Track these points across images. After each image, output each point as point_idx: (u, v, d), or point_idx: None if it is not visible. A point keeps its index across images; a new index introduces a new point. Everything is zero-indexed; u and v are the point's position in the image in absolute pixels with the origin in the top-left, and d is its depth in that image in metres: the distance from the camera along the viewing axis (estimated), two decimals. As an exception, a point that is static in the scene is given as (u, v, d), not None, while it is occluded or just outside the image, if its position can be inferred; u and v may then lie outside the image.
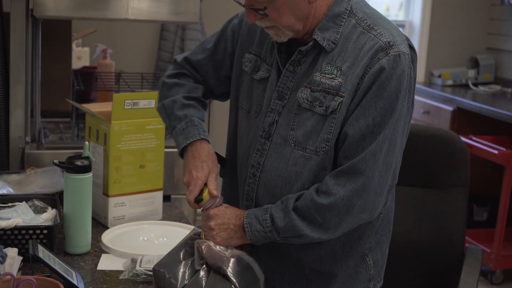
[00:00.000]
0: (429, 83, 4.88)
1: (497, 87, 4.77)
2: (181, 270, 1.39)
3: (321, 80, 1.40)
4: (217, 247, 1.40)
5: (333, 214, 1.36)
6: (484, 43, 5.02)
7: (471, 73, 4.85)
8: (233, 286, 1.36)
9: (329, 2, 1.44)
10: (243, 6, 1.42)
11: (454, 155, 2.12)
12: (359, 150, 1.36)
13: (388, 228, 1.57)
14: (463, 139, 2.24)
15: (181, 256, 1.42)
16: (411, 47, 1.43)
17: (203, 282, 1.37)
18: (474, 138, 3.96)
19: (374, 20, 1.42)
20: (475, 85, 4.81)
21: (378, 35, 1.38)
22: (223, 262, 1.37)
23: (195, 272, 1.39)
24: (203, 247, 1.40)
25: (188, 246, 1.45)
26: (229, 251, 1.41)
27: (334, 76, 1.39)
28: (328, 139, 1.40)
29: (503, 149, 3.72)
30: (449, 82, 4.79)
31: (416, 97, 4.94)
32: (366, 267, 1.51)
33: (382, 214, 1.50)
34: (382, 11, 5.12)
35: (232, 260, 1.38)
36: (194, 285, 1.36)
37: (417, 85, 5.13)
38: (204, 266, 1.39)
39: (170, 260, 1.42)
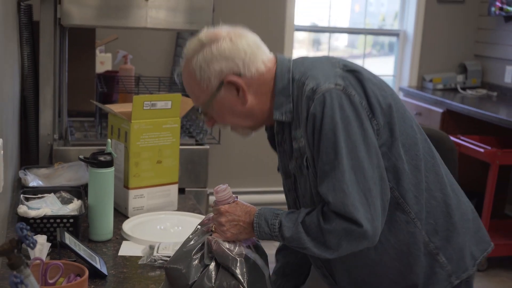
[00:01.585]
0: (421, 87, 4.87)
1: (483, 91, 4.76)
2: (192, 265, 1.37)
3: (296, 146, 1.40)
4: (226, 244, 1.38)
5: (333, 237, 1.31)
6: (472, 50, 5.01)
7: (460, 78, 4.84)
8: (241, 286, 1.34)
9: (267, 87, 1.42)
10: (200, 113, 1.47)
11: (443, 153, 2.11)
12: (330, 190, 1.30)
13: (451, 225, 1.45)
14: (452, 138, 2.24)
15: (192, 252, 1.39)
16: (351, 70, 1.38)
17: (213, 277, 1.35)
18: (462, 138, 3.95)
19: (305, 74, 1.38)
20: (463, 89, 4.80)
21: (306, 87, 1.34)
22: (231, 262, 1.35)
23: (204, 266, 1.37)
24: (212, 243, 1.38)
25: (198, 241, 1.43)
26: (236, 248, 1.38)
27: (301, 138, 1.38)
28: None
29: (489, 147, 3.72)
30: (440, 86, 4.78)
31: (409, 100, 4.94)
32: (440, 266, 1.43)
33: (421, 218, 1.42)
34: (378, 21, 5.12)
35: (239, 260, 1.36)
36: (205, 279, 1.34)
37: (409, 89, 5.12)
38: (213, 262, 1.37)
39: (181, 256, 1.39)
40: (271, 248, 1.52)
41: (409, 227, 1.39)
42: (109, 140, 1.84)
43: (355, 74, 1.38)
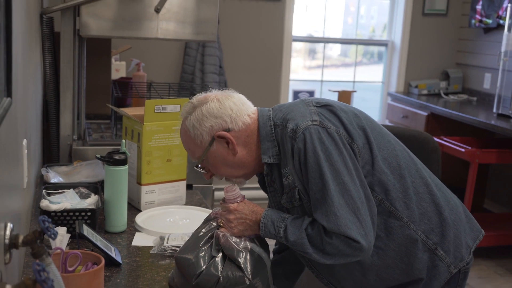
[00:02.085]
0: (407, 92, 4.87)
1: (464, 96, 4.76)
2: (201, 256, 1.37)
3: (286, 182, 1.40)
4: (233, 238, 1.38)
5: (332, 247, 1.32)
6: (454, 59, 5.00)
7: (443, 84, 4.83)
8: (245, 277, 1.34)
9: (254, 137, 1.43)
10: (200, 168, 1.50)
11: (428, 153, 2.11)
12: (324, 216, 1.32)
13: (443, 220, 1.46)
14: (435, 139, 2.24)
15: (200, 244, 1.39)
16: (322, 106, 1.41)
17: (219, 267, 1.35)
18: (445, 139, 3.95)
19: (285, 118, 1.40)
20: (446, 94, 4.80)
21: (288, 128, 1.37)
22: (236, 254, 1.36)
23: (212, 258, 1.37)
24: (221, 237, 1.39)
25: (206, 234, 1.43)
26: (242, 243, 1.38)
27: (289, 175, 1.39)
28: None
29: (469, 147, 3.72)
30: (424, 91, 4.78)
31: (396, 104, 4.93)
32: (440, 259, 1.44)
33: (415, 221, 1.42)
34: (368, 32, 5.12)
35: (244, 253, 1.37)
36: (212, 269, 1.35)
37: (396, 94, 5.11)
38: (220, 253, 1.38)
39: (191, 248, 1.40)
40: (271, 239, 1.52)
41: (404, 230, 1.41)
42: (123, 140, 1.84)
43: (327, 107, 1.42)
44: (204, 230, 1.44)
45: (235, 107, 1.43)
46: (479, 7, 4.65)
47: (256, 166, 1.46)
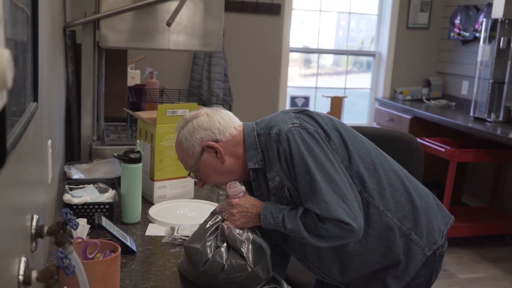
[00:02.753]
0: (393, 98, 4.87)
1: (444, 101, 4.76)
2: (208, 245, 1.37)
3: (272, 185, 1.41)
4: (236, 230, 1.38)
5: (326, 231, 1.33)
6: (435, 68, 5.00)
7: (425, 90, 4.83)
8: (247, 265, 1.34)
9: (240, 147, 1.44)
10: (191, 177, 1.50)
11: (412, 152, 2.11)
12: (315, 204, 1.32)
13: (415, 208, 1.47)
14: (418, 140, 2.23)
15: (207, 235, 1.39)
16: (299, 112, 1.44)
17: (224, 256, 1.35)
18: (427, 139, 3.94)
19: (267, 126, 1.42)
20: (428, 99, 4.79)
21: (272, 133, 1.39)
22: (240, 244, 1.36)
23: (217, 247, 1.37)
24: (225, 229, 1.39)
25: (212, 226, 1.42)
26: (245, 234, 1.38)
27: (275, 177, 1.39)
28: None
29: (448, 147, 3.71)
30: (408, 97, 4.77)
31: (382, 108, 4.93)
32: (414, 243, 1.45)
33: (391, 209, 1.43)
34: (358, 44, 5.11)
35: (247, 243, 1.37)
36: (217, 257, 1.35)
37: (383, 99, 5.11)
38: (225, 244, 1.37)
39: (198, 238, 1.40)
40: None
41: (381, 218, 1.42)
42: (138, 140, 1.84)
43: (304, 112, 1.44)
44: (210, 222, 1.44)
45: (222, 120, 1.45)
46: (457, 21, 4.65)
47: (243, 173, 1.46)
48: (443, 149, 3.68)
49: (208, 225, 1.43)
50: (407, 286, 1.48)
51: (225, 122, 1.45)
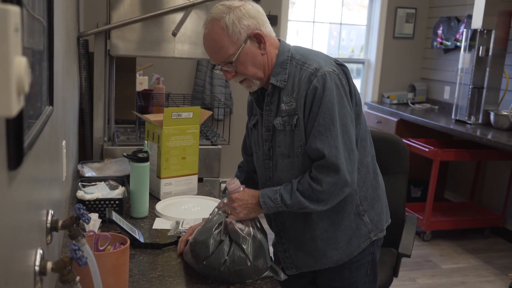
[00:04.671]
0: (380, 102, 4.87)
1: (428, 105, 4.76)
2: (210, 240, 1.36)
3: (285, 108, 1.38)
4: (238, 225, 1.37)
5: (323, 194, 1.33)
6: (419, 74, 5.00)
7: (410, 95, 4.83)
8: (248, 259, 1.34)
9: (275, 53, 1.41)
10: (220, 69, 1.38)
11: (398, 152, 2.11)
12: (326, 146, 1.31)
13: (376, 195, 1.50)
14: (404, 141, 2.24)
15: (211, 229, 1.38)
16: (340, 64, 1.40)
17: (226, 250, 1.34)
18: (412, 140, 3.95)
19: (306, 57, 1.38)
20: (413, 103, 4.79)
21: (309, 66, 1.35)
22: (241, 239, 1.35)
23: (220, 241, 1.36)
24: (228, 224, 1.38)
25: (215, 221, 1.42)
26: (246, 229, 1.37)
27: (291, 102, 1.36)
28: (301, 145, 1.38)
29: (432, 147, 3.71)
30: (395, 101, 4.77)
31: (371, 111, 4.91)
32: (364, 224, 1.47)
33: (359, 186, 1.45)
34: (348, 52, 5.12)
35: (248, 238, 1.36)
36: (220, 252, 1.34)
37: (372, 103, 5.09)
38: (228, 238, 1.37)
39: (203, 234, 1.39)
40: (270, 233, 1.51)
41: None
42: (146, 141, 1.83)
43: (342, 68, 1.42)
44: (214, 218, 1.43)
45: (264, 16, 1.38)
46: (440, 31, 4.65)
47: (268, 80, 1.41)
48: (427, 149, 3.69)
49: (212, 221, 1.43)
50: (346, 265, 1.49)
51: (265, 17, 1.38)
